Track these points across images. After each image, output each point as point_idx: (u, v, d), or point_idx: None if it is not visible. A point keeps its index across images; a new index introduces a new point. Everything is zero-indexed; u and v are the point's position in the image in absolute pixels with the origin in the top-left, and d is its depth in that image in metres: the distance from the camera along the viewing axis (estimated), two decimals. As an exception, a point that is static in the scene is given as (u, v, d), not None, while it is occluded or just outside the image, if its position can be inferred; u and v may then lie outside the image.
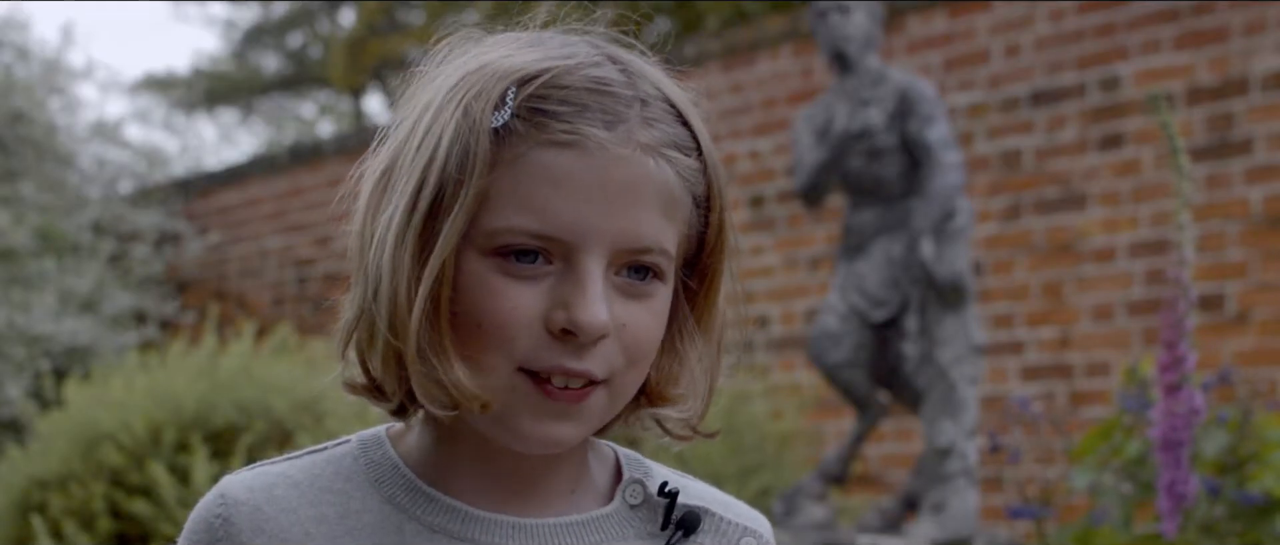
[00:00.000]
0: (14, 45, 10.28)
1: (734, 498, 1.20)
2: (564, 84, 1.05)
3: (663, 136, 1.08)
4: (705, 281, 1.13)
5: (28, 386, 8.59)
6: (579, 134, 1.04)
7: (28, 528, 5.80)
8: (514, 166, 1.04)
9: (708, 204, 1.10)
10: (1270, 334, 5.47)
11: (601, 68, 1.08)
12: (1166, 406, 2.87)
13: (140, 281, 9.62)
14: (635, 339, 1.07)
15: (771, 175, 6.90)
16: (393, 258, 1.04)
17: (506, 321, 1.04)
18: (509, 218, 1.03)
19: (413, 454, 1.13)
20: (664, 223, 1.07)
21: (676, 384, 1.13)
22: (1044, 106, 6.07)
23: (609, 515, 1.13)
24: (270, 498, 1.10)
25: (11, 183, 9.55)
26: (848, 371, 4.63)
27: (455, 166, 1.04)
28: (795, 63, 6.87)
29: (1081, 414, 5.59)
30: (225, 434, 5.74)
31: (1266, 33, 5.52)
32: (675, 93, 1.11)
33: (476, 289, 1.04)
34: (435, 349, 1.04)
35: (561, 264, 1.05)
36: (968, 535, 4.30)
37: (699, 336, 1.13)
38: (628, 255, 1.06)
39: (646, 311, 1.07)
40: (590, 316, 1.03)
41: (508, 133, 1.04)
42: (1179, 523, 2.90)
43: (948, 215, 4.41)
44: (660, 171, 1.07)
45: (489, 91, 1.05)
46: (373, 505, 1.10)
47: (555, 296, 1.04)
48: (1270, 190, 5.49)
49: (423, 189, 1.04)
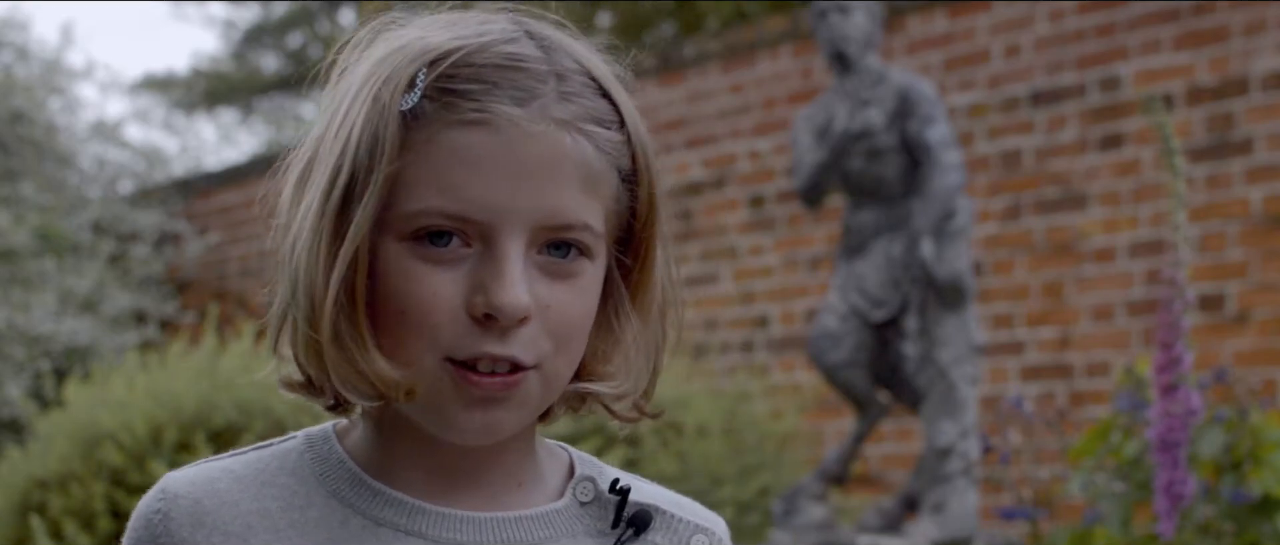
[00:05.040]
0: (14, 45, 10.28)
1: (690, 499, 1.18)
2: (474, 62, 1.04)
3: (580, 111, 1.05)
4: (639, 258, 1.10)
5: (28, 386, 8.59)
6: (489, 112, 1.03)
7: (27, 528, 5.81)
8: (426, 149, 1.03)
9: (636, 178, 1.08)
10: (1270, 334, 5.47)
11: (517, 43, 1.06)
12: (1163, 407, 2.87)
13: (140, 281, 9.62)
14: (561, 320, 1.05)
15: (771, 175, 6.90)
16: (309, 248, 1.04)
17: (428, 308, 1.02)
18: (423, 199, 1.02)
19: (358, 448, 1.12)
20: (585, 199, 1.05)
21: (608, 361, 1.11)
22: (1044, 106, 6.07)
23: (559, 511, 1.11)
24: (211, 492, 1.09)
25: (11, 183, 9.55)
26: (848, 371, 4.63)
27: (366, 153, 1.03)
28: (795, 63, 6.88)
29: (1081, 414, 5.59)
30: (226, 434, 5.74)
31: (1266, 33, 5.52)
32: (597, 66, 1.08)
33: (396, 276, 1.03)
34: (353, 338, 1.03)
35: (480, 246, 1.03)
36: (968, 535, 4.30)
37: (635, 315, 1.11)
38: (548, 233, 1.04)
39: (572, 291, 1.05)
40: (510, 298, 1.01)
41: (419, 115, 1.03)
42: (1176, 523, 2.90)
43: (948, 215, 4.41)
44: (577, 146, 1.05)
45: (399, 74, 1.04)
46: (318, 500, 1.09)
47: (474, 280, 1.03)
48: (1270, 190, 5.49)
49: (337, 178, 1.04)
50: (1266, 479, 3.18)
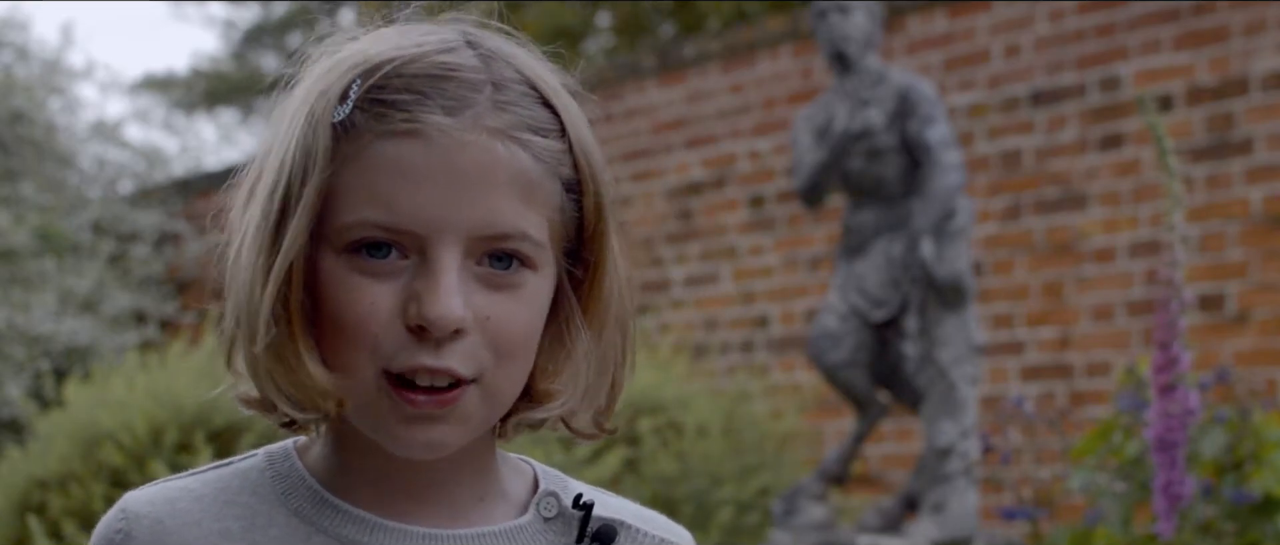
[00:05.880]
0: (14, 45, 10.28)
1: (657, 513, 1.17)
2: (406, 73, 1.03)
3: (515, 120, 1.04)
4: (588, 270, 1.08)
5: (28, 386, 8.59)
6: (418, 121, 1.02)
7: (27, 528, 5.80)
8: (359, 160, 1.02)
9: (581, 187, 1.07)
10: (1270, 334, 5.47)
11: (453, 53, 1.05)
12: (1161, 407, 2.87)
13: (140, 281, 9.62)
14: (501, 331, 1.03)
15: (771, 175, 6.90)
16: (249, 263, 1.03)
17: (364, 319, 1.01)
18: (357, 211, 1.02)
19: (318, 465, 1.10)
20: (522, 208, 1.03)
21: (557, 376, 1.08)
22: (1044, 106, 6.07)
23: (522, 527, 1.10)
24: (173, 511, 1.08)
25: (11, 183, 9.55)
26: (848, 371, 4.63)
27: (299, 166, 1.03)
28: (795, 63, 6.87)
29: (1081, 414, 5.59)
30: (225, 434, 5.74)
31: (1266, 33, 5.52)
32: (540, 75, 1.07)
33: (334, 288, 1.02)
34: (288, 350, 1.02)
35: (416, 257, 1.02)
36: (968, 535, 4.30)
37: (586, 328, 1.09)
38: (485, 243, 1.02)
39: (514, 302, 1.04)
40: (442, 309, 1.00)
41: (351, 126, 1.03)
42: (1176, 523, 2.90)
43: (948, 215, 4.41)
44: (512, 155, 1.03)
45: (333, 87, 1.04)
46: (279, 518, 1.08)
47: (409, 291, 1.01)
48: (1270, 190, 5.49)
49: (275, 192, 1.03)
50: (1267, 479, 3.18)
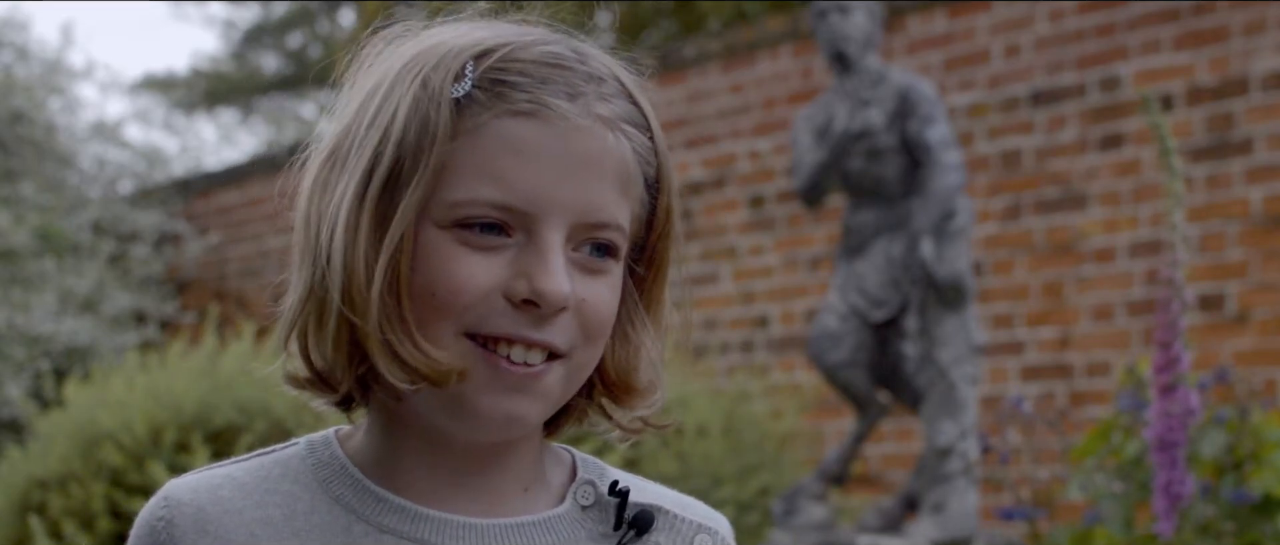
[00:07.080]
0: (14, 45, 10.28)
1: (694, 499, 1.18)
2: (521, 58, 1.05)
3: (620, 112, 1.07)
4: (653, 268, 1.12)
5: (28, 386, 8.59)
6: (541, 103, 1.04)
7: (27, 528, 5.80)
8: (475, 136, 1.03)
9: (658, 186, 1.10)
10: (1270, 334, 5.47)
11: (557, 45, 1.08)
12: (1162, 407, 2.87)
13: (140, 282, 9.62)
14: (594, 314, 1.06)
15: (771, 175, 6.90)
16: (347, 233, 1.03)
17: (461, 288, 1.03)
18: (470, 188, 1.03)
19: (361, 454, 1.11)
20: (620, 199, 1.06)
21: (637, 373, 1.11)
22: (1044, 106, 6.07)
23: (560, 516, 1.11)
24: (214, 499, 1.09)
25: (11, 183, 9.55)
26: (848, 371, 4.62)
27: (414, 137, 1.03)
28: (795, 63, 6.87)
29: (1081, 414, 5.59)
30: (225, 434, 5.73)
31: (1266, 33, 5.52)
32: (625, 74, 1.10)
33: (432, 260, 1.03)
34: (397, 323, 1.03)
35: (522, 236, 1.04)
36: (968, 535, 4.30)
37: (650, 325, 1.12)
38: (586, 230, 1.05)
39: (604, 287, 1.07)
40: (554, 285, 1.02)
41: (468, 103, 1.04)
42: (1176, 523, 2.90)
43: (948, 215, 4.41)
44: (619, 145, 1.06)
45: (448, 64, 1.05)
46: (320, 506, 1.08)
47: (516, 267, 1.03)
48: (1270, 190, 5.49)
49: (378, 162, 1.04)
50: (1267, 479, 3.18)
